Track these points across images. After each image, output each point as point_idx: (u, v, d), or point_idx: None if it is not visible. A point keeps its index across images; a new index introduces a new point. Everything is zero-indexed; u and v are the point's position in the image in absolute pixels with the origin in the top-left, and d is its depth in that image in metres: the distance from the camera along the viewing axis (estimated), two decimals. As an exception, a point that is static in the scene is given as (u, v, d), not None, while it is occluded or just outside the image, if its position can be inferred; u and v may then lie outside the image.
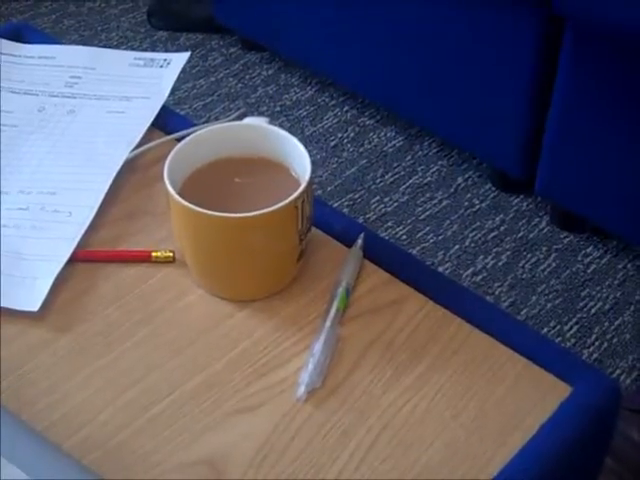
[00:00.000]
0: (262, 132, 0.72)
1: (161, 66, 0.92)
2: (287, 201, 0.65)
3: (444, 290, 0.73)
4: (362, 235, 0.74)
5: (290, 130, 0.70)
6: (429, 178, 1.76)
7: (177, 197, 0.65)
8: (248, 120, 0.77)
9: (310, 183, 0.67)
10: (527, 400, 0.65)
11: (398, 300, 0.71)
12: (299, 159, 0.69)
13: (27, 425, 0.62)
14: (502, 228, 1.66)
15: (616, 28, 1.32)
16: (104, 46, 0.87)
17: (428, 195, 1.72)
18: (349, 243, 0.74)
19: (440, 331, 0.69)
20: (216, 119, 1.86)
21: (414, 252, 1.60)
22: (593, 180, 1.51)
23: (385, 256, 0.75)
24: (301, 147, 0.69)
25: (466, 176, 1.77)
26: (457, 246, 1.63)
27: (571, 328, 1.49)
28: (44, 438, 0.61)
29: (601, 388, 0.67)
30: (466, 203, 1.71)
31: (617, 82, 1.38)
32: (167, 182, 0.66)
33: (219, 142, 0.72)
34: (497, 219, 1.68)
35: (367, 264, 0.74)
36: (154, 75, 0.91)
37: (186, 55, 0.93)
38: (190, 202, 0.65)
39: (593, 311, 1.52)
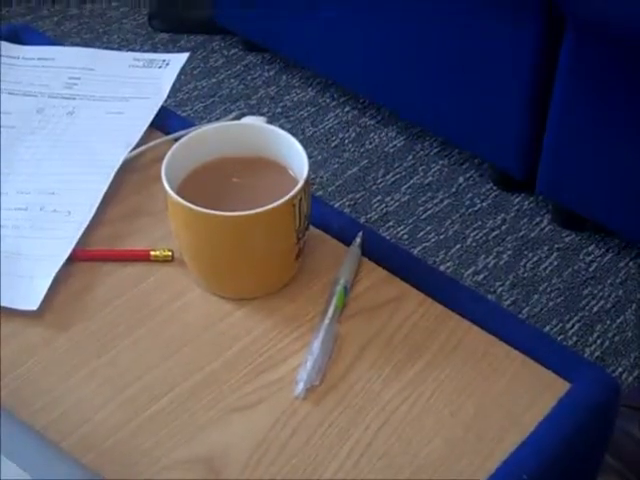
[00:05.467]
0: (260, 131, 0.72)
1: (160, 67, 0.92)
2: (285, 199, 0.65)
3: (442, 287, 0.73)
4: (360, 233, 0.74)
5: (291, 131, 0.70)
6: (430, 178, 1.76)
7: (175, 196, 0.66)
8: (246, 119, 0.77)
9: (307, 181, 0.67)
10: (525, 397, 0.65)
11: (396, 297, 0.71)
12: (297, 158, 0.69)
13: (26, 424, 0.62)
14: (503, 227, 1.66)
15: (616, 27, 1.32)
16: (105, 49, 0.87)
17: (429, 195, 1.73)
18: (347, 241, 0.75)
19: (438, 328, 0.69)
20: (217, 120, 1.86)
21: (415, 252, 1.60)
22: (594, 179, 1.51)
23: (383, 254, 0.75)
24: (298, 146, 0.69)
25: (467, 176, 1.77)
26: (458, 245, 1.63)
27: (573, 326, 1.49)
28: (43, 437, 0.61)
29: (600, 384, 0.67)
30: (467, 202, 1.71)
31: (617, 81, 1.38)
32: (164, 181, 0.66)
33: (217, 141, 0.72)
34: (498, 218, 1.68)
35: (365, 262, 0.74)
36: (153, 76, 0.91)
37: (185, 56, 0.94)
38: (188, 201, 0.65)
39: (595, 309, 1.52)
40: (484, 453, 0.61)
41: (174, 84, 0.90)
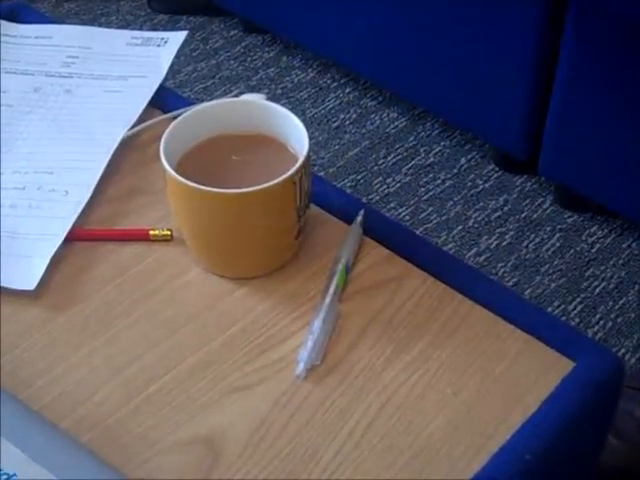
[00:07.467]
0: (259, 108, 0.71)
1: (158, 45, 0.91)
2: (285, 176, 0.64)
3: (445, 266, 0.72)
4: (362, 212, 0.73)
5: (292, 112, 0.69)
6: (432, 159, 1.75)
7: (173, 173, 0.65)
8: (245, 96, 0.76)
9: (308, 158, 0.66)
10: (529, 376, 0.64)
11: (398, 276, 0.71)
12: (296, 135, 0.68)
13: (24, 404, 0.61)
14: (505, 208, 1.65)
15: (619, 7, 1.31)
16: (104, 29, 0.88)
17: (431, 176, 1.72)
18: (349, 220, 0.74)
19: (441, 307, 0.68)
20: (217, 102, 1.85)
21: (417, 233, 1.59)
22: (597, 159, 1.50)
23: (385, 232, 0.74)
24: (298, 123, 0.68)
25: (469, 157, 1.76)
26: (460, 227, 1.62)
27: (575, 308, 1.48)
28: (41, 417, 0.60)
29: (603, 363, 0.66)
30: (469, 183, 1.70)
31: (620, 61, 1.37)
32: (163, 159, 0.66)
33: (216, 119, 0.71)
34: (500, 199, 1.67)
35: (367, 241, 0.73)
36: (151, 54, 0.90)
37: (183, 34, 0.92)
38: (187, 179, 0.64)
39: (597, 291, 1.51)
40: (487, 433, 0.61)
41: (173, 65, 0.89)
